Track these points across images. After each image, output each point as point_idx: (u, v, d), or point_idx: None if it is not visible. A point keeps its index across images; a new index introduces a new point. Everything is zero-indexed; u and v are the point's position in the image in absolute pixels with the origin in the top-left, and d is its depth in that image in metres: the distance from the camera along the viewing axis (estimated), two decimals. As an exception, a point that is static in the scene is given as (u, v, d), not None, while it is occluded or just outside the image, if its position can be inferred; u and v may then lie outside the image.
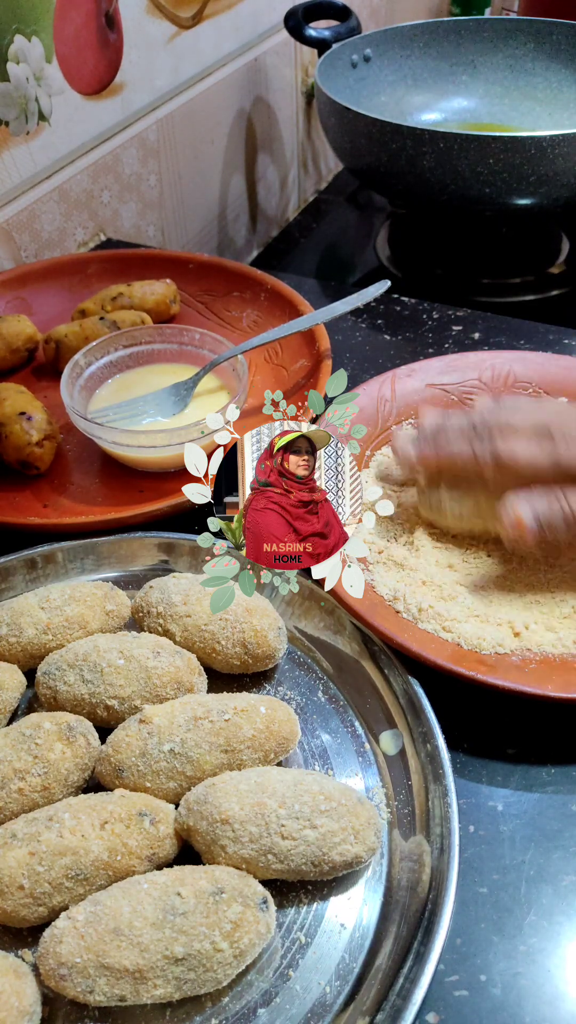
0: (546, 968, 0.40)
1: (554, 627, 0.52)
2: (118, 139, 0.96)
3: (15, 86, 0.81)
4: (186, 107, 1.05)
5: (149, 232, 1.05)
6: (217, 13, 1.06)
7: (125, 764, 0.44)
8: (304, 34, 1.06)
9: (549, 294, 0.99)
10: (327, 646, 0.53)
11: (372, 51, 1.11)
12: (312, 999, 0.39)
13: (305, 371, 0.73)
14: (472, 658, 0.50)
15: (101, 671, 0.47)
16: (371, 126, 0.88)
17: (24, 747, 0.44)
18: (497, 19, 1.17)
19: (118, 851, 0.41)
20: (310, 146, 1.36)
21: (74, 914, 0.38)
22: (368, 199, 1.26)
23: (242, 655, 0.50)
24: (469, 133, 0.82)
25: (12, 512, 0.63)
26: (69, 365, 0.68)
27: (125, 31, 0.92)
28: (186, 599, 0.51)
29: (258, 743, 0.45)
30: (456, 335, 0.80)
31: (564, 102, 1.12)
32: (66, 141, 0.89)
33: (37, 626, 0.50)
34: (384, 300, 0.84)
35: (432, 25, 1.14)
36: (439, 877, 0.41)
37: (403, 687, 0.48)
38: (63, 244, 0.92)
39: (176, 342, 0.72)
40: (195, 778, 0.44)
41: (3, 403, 0.65)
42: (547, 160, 0.82)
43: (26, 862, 0.40)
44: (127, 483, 0.65)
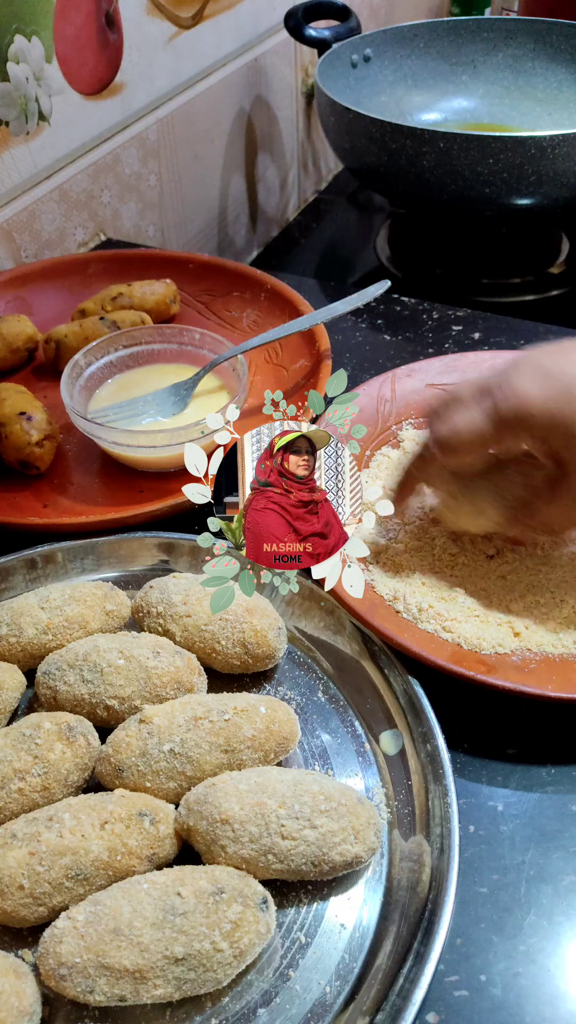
0: (546, 968, 0.40)
1: (554, 627, 0.52)
2: (118, 139, 0.96)
3: (15, 86, 0.81)
4: (186, 107, 1.05)
5: (149, 232, 1.05)
6: (217, 13, 1.06)
7: (125, 764, 0.44)
8: (304, 34, 1.06)
9: (549, 294, 0.99)
10: (327, 646, 0.53)
11: (372, 51, 1.11)
12: (312, 999, 0.39)
13: (305, 371, 0.73)
14: (472, 658, 0.50)
15: (101, 671, 0.47)
16: (371, 126, 0.88)
17: (24, 747, 0.44)
18: (497, 19, 1.17)
19: (118, 851, 0.41)
20: (310, 146, 1.36)
21: (74, 914, 0.38)
22: (368, 199, 1.26)
23: (242, 655, 0.50)
24: (469, 133, 0.82)
25: (12, 512, 0.63)
26: (69, 365, 0.68)
27: (125, 31, 0.92)
28: (186, 599, 0.51)
29: (258, 743, 0.45)
30: (456, 335, 0.80)
31: (564, 102, 1.12)
32: (66, 141, 0.89)
33: (37, 626, 0.50)
34: (384, 300, 0.84)
35: (432, 25, 1.14)
36: (439, 877, 0.41)
37: (403, 687, 0.48)
38: (63, 244, 0.92)
39: (176, 342, 0.72)
40: (195, 778, 0.44)
41: (3, 403, 0.65)
42: (547, 160, 0.82)
43: (26, 862, 0.40)
44: (127, 483, 0.65)
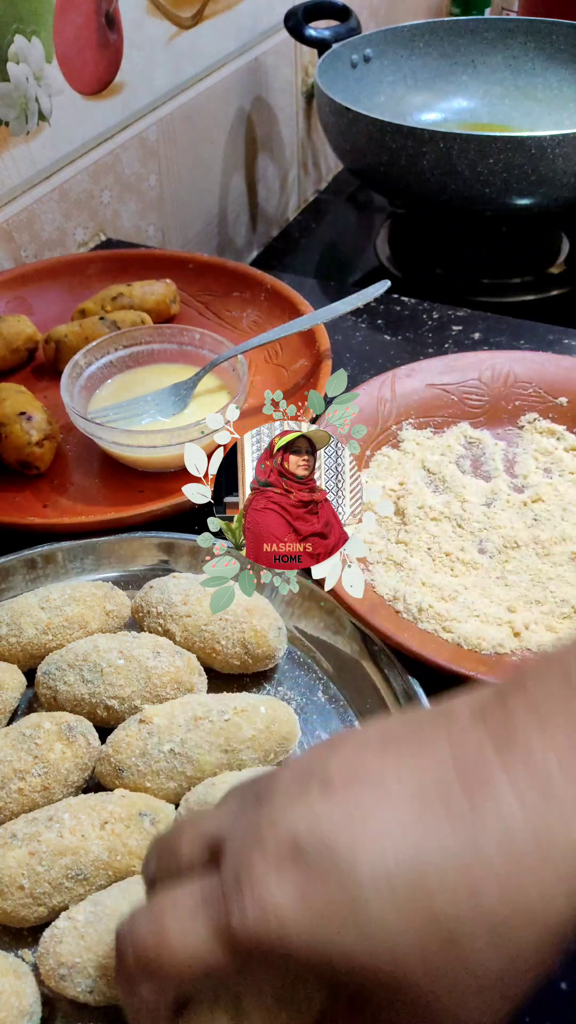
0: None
1: (554, 627, 0.52)
2: (118, 139, 0.96)
3: (15, 86, 0.81)
4: (186, 107, 1.05)
5: (149, 232, 1.05)
6: (217, 13, 1.06)
7: (125, 764, 0.44)
8: (304, 34, 1.06)
9: (549, 294, 0.99)
10: (327, 646, 0.53)
11: (372, 51, 1.11)
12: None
13: (305, 371, 0.72)
14: (472, 658, 0.50)
15: (101, 671, 0.47)
16: (371, 126, 0.87)
17: (24, 747, 0.44)
18: (497, 19, 1.17)
19: (118, 851, 0.41)
20: (310, 146, 1.36)
21: (74, 914, 0.38)
22: (368, 199, 1.26)
23: (242, 655, 0.50)
24: (469, 133, 0.82)
25: (12, 512, 0.63)
26: (69, 365, 0.68)
27: (125, 31, 0.92)
28: (186, 599, 0.51)
29: (258, 743, 0.45)
30: (456, 335, 0.80)
31: (564, 102, 1.12)
32: (66, 141, 0.89)
33: (37, 626, 0.50)
34: (384, 300, 0.84)
35: (432, 25, 1.14)
36: (439, 877, 0.41)
37: (403, 687, 0.48)
38: (63, 244, 0.92)
39: (176, 342, 0.72)
40: (195, 778, 0.44)
41: (3, 403, 0.65)
42: (547, 160, 0.82)
43: (26, 862, 0.40)
44: (127, 483, 0.65)
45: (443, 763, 0.28)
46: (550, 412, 0.67)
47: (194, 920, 0.28)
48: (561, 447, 0.65)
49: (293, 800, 0.28)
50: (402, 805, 0.27)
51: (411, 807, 0.27)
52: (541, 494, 0.60)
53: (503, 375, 0.69)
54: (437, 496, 0.61)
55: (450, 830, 0.26)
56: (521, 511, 0.60)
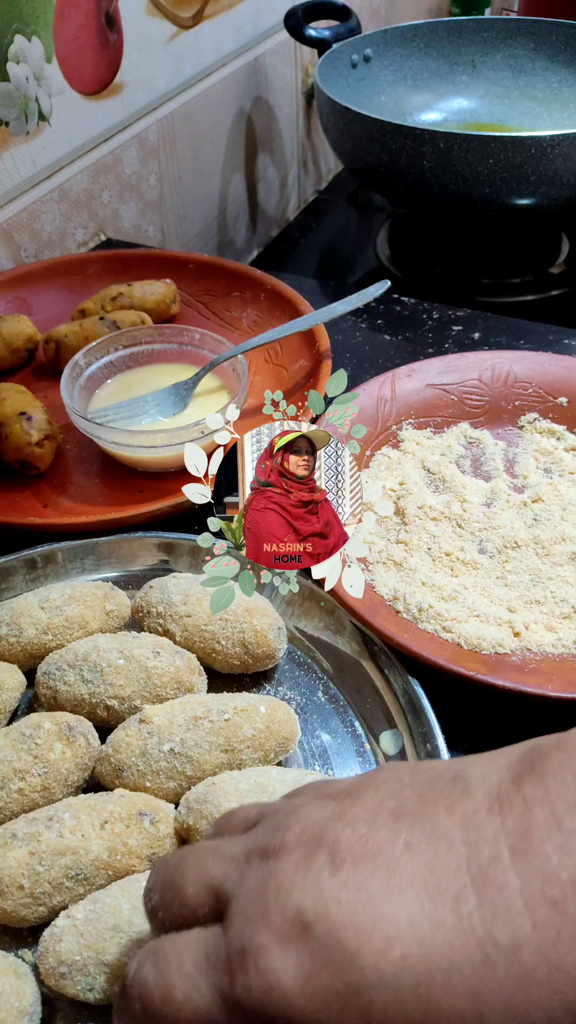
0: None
1: (554, 627, 0.52)
2: (118, 139, 0.96)
3: (15, 86, 0.81)
4: (186, 107, 1.05)
5: (149, 232, 1.05)
6: (217, 13, 1.06)
7: (125, 764, 0.44)
8: (304, 34, 1.06)
9: (549, 294, 0.99)
10: (327, 646, 0.53)
11: (372, 51, 1.11)
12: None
13: (305, 371, 0.73)
14: (472, 658, 0.50)
15: (101, 671, 0.47)
16: (371, 126, 0.87)
17: (24, 747, 0.44)
18: (497, 19, 1.17)
19: (118, 851, 0.41)
20: (310, 146, 1.36)
21: (73, 912, 0.38)
22: (368, 199, 1.26)
23: (242, 655, 0.50)
24: (469, 133, 0.82)
25: (12, 512, 0.63)
26: (69, 365, 0.68)
27: (125, 31, 0.92)
28: (186, 599, 0.51)
29: (258, 743, 0.45)
30: (456, 335, 0.80)
31: (564, 102, 1.12)
32: (66, 141, 0.89)
33: (37, 626, 0.50)
34: (384, 300, 0.84)
35: (432, 25, 1.14)
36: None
37: (403, 687, 0.48)
38: (63, 244, 0.92)
39: (176, 342, 0.72)
40: (195, 778, 0.44)
41: (3, 403, 0.65)
42: (547, 160, 0.82)
43: (26, 862, 0.40)
44: (127, 483, 0.65)
45: (455, 855, 0.27)
46: (550, 412, 0.67)
47: (198, 978, 0.28)
48: (561, 447, 0.65)
49: (301, 870, 0.28)
50: (411, 896, 0.26)
51: (420, 899, 0.26)
52: (541, 494, 0.60)
53: (503, 375, 0.69)
54: (437, 496, 0.61)
55: (459, 933, 0.26)
56: (521, 511, 0.60)
